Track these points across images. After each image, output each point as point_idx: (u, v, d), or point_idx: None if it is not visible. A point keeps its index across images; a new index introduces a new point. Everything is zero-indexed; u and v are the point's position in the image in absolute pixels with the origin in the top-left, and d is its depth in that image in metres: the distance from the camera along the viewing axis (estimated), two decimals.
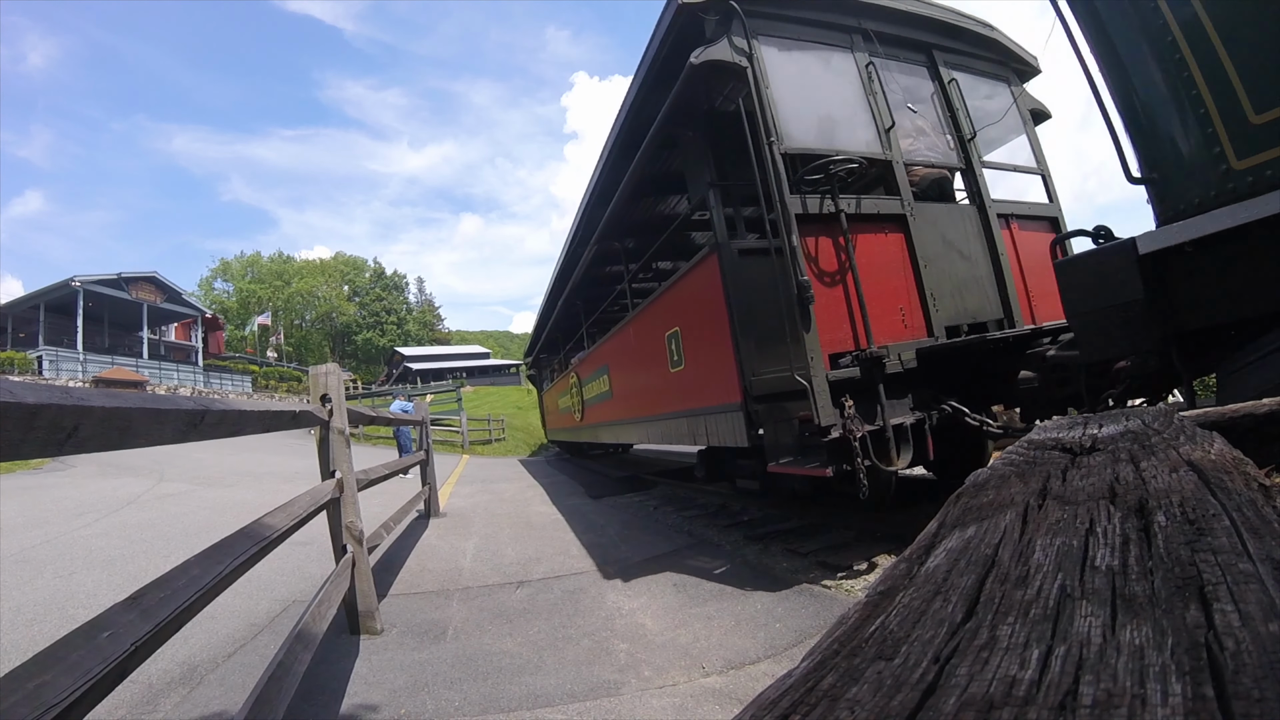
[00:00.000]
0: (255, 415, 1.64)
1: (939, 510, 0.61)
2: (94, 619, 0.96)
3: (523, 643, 2.63)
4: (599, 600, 3.15)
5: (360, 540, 2.72)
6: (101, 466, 8.54)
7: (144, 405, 1.02)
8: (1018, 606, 0.33)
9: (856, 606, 0.39)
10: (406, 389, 26.08)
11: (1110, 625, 0.30)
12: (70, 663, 0.84)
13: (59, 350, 23.68)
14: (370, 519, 3.18)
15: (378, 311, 65.47)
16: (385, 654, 2.57)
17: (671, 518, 5.34)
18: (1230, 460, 0.60)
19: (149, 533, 4.71)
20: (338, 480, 2.65)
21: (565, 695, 2.14)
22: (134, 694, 2.16)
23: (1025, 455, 0.76)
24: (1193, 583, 0.33)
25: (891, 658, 0.30)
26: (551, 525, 5.31)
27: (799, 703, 0.28)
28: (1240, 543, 0.37)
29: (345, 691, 2.23)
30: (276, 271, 60.32)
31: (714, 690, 2.12)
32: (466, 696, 2.17)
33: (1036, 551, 0.41)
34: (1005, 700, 0.24)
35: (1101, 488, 0.55)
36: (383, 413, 5.48)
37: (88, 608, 2.89)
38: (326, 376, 2.79)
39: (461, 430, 16.66)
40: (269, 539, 1.66)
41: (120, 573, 3.58)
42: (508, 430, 19.52)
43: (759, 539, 4.17)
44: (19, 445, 0.75)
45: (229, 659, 2.50)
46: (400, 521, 4.41)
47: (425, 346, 61.16)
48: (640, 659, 2.40)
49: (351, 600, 2.72)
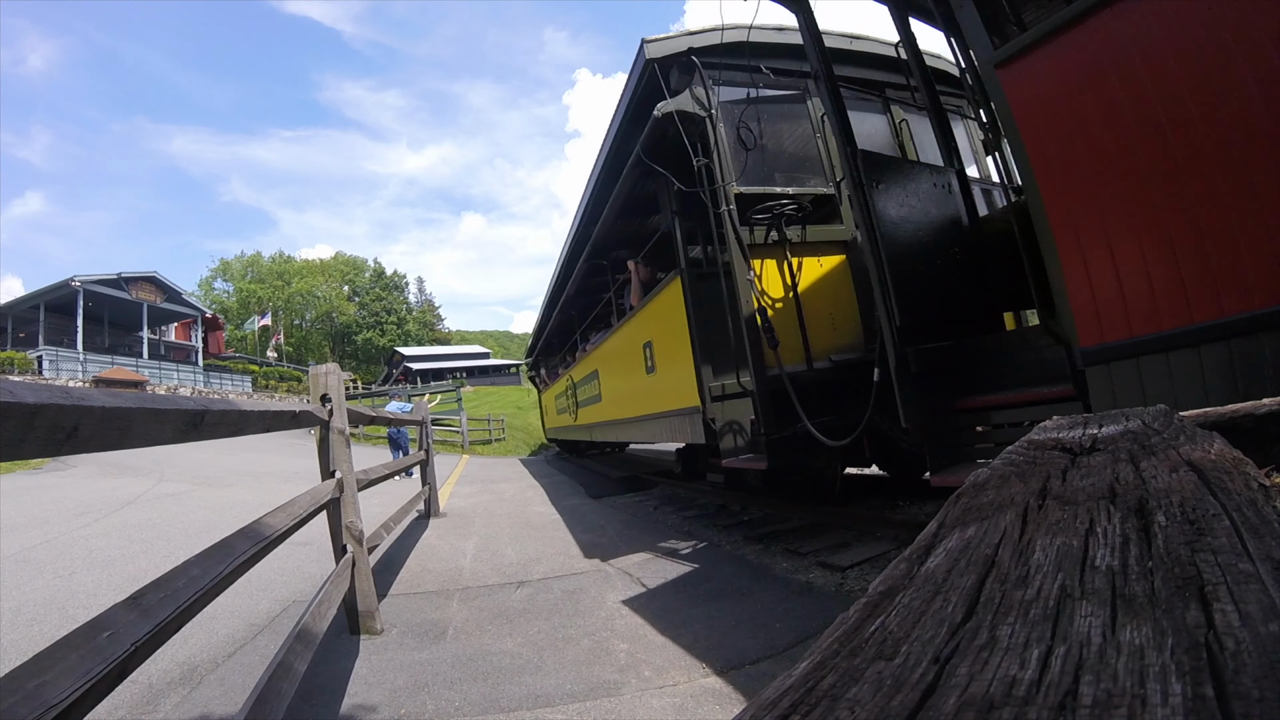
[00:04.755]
0: (255, 415, 1.64)
1: (939, 510, 0.61)
2: (94, 619, 0.96)
3: (523, 643, 2.63)
4: (599, 600, 3.15)
5: (360, 540, 2.72)
6: (101, 466, 8.54)
7: (144, 405, 1.02)
8: (1018, 606, 0.33)
9: (856, 606, 0.39)
10: (406, 389, 26.04)
11: (1110, 625, 0.30)
12: (70, 663, 0.84)
13: (59, 350, 23.68)
14: (370, 519, 3.18)
15: (378, 311, 65.49)
16: (385, 654, 2.57)
17: (671, 518, 5.34)
18: (1230, 460, 0.60)
19: (149, 533, 4.71)
20: (338, 480, 2.65)
21: (565, 695, 2.14)
22: (134, 694, 2.16)
23: (1025, 455, 0.76)
24: (1193, 583, 0.33)
25: (891, 658, 0.30)
26: (551, 525, 5.31)
27: (799, 703, 0.28)
28: (1240, 543, 0.37)
29: (345, 691, 2.23)
30: (277, 271, 60.37)
31: (714, 690, 2.12)
32: (467, 696, 2.17)
33: (1036, 551, 0.41)
34: (1005, 700, 0.24)
35: (1101, 488, 0.55)
36: (383, 413, 5.48)
37: (88, 608, 2.88)
38: (326, 376, 2.79)
39: (461, 430, 16.66)
40: (269, 539, 1.66)
41: (120, 573, 3.58)
42: (508, 430, 19.52)
43: (759, 539, 4.17)
44: (19, 445, 0.75)
45: (229, 659, 2.49)
46: (400, 522, 4.41)
47: (425, 346, 61.18)
48: (640, 659, 2.40)
49: (351, 600, 2.72)
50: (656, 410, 5.16)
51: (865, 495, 5.22)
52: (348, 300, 64.12)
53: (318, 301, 61.11)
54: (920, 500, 4.68)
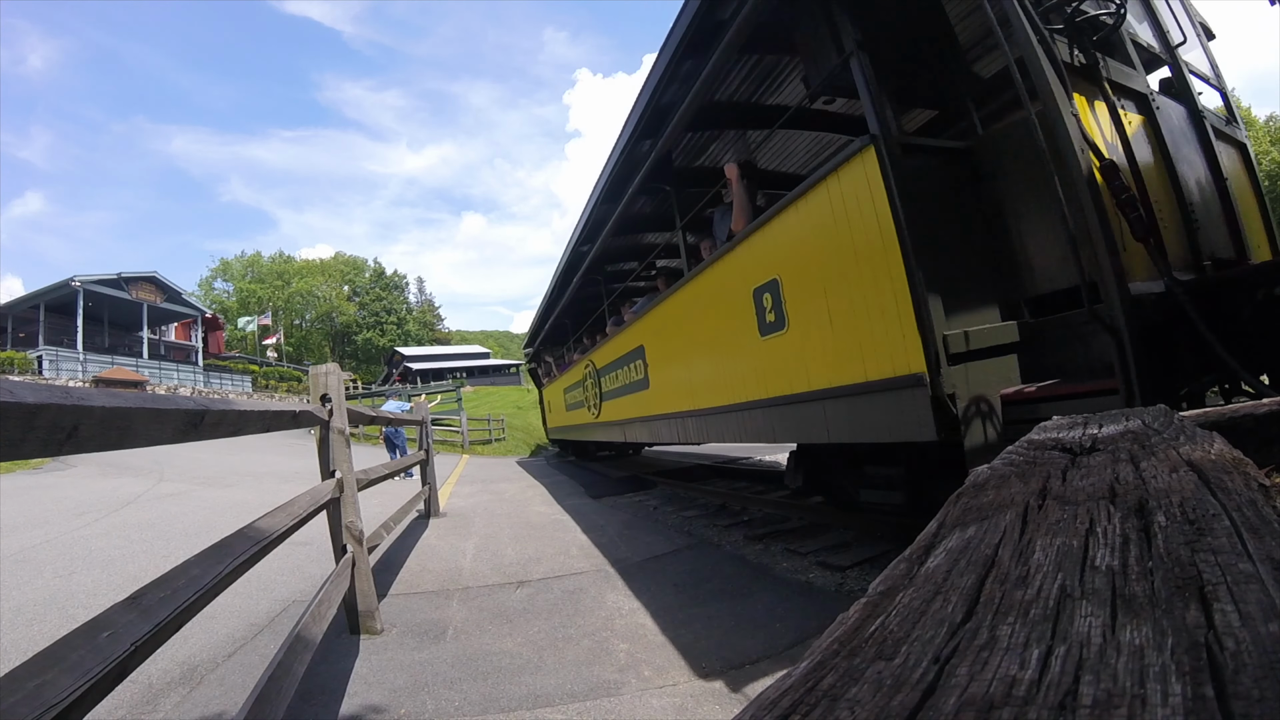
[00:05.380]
0: (255, 415, 1.64)
1: (939, 510, 0.61)
2: (94, 619, 0.96)
3: (523, 643, 2.63)
4: (599, 600, 3.15)
5: (360, 540, 2.72)
6: (101, 466, 8.54)
7: (144, 405, 1.02)
8: (1018, 606, 0.33)
9: (856, 606, 0.39)
10: (405, 389, 26.00)
11: (1110, 625, 0.30)
12: (70, 663, 0.84)
13: (59, 350, 23.67)
14: (370, 519, 3.18)
15: (378, 311, 65.47)
16: (385, 654, 2.57)
17: (672, 518, 5.34)
18: (1230, 460, 0.60)
19: (149, 533, 4.71)
20: (338, 480, 2.65)
21: (565, 695, 2.14)
22: (134, 694, 2.16)
23: (1025, 455, 0.76)
24: (1193, 583, 0.33)
25: (891, 658, 0.30)
26: (551, 525, 5.31)
27: (799, 703, 0.28)
28: (1240, 543, 0.37)
29: (345, 691, 2.23)
30: (277, 271, 60.38)
31: (714, 690, 2.12)
32: (466, 696, 2.17)
33: (1036, 551, 0.41)
34: (1005, 700, 0.24)
35: (1101, 488, 0.55)
36: (383, 413, 5.48)
37: (88, 607, 2.88)
38: (326, 376, 2.79)
39: (461, 430, 16.65)
40: (269, 539, 1.66)
41: (120, 573, 3.58)
42: (508, 430, 19.51)
43: (759, 539, 4.17)
44: (19, 445, 0.75)
45: (229, 659, 2.49)
46: (400, 521, 4.41)
47: (425, 346, 61.19)
48: (640, 659, 2.40)
49: (351, 600, 2.72)
50: (788, 392, 3.29)
51: None
52: (348, 300, 64.12)
53: (318, 301, 61.12)
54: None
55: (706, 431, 4.53)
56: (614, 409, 7.06)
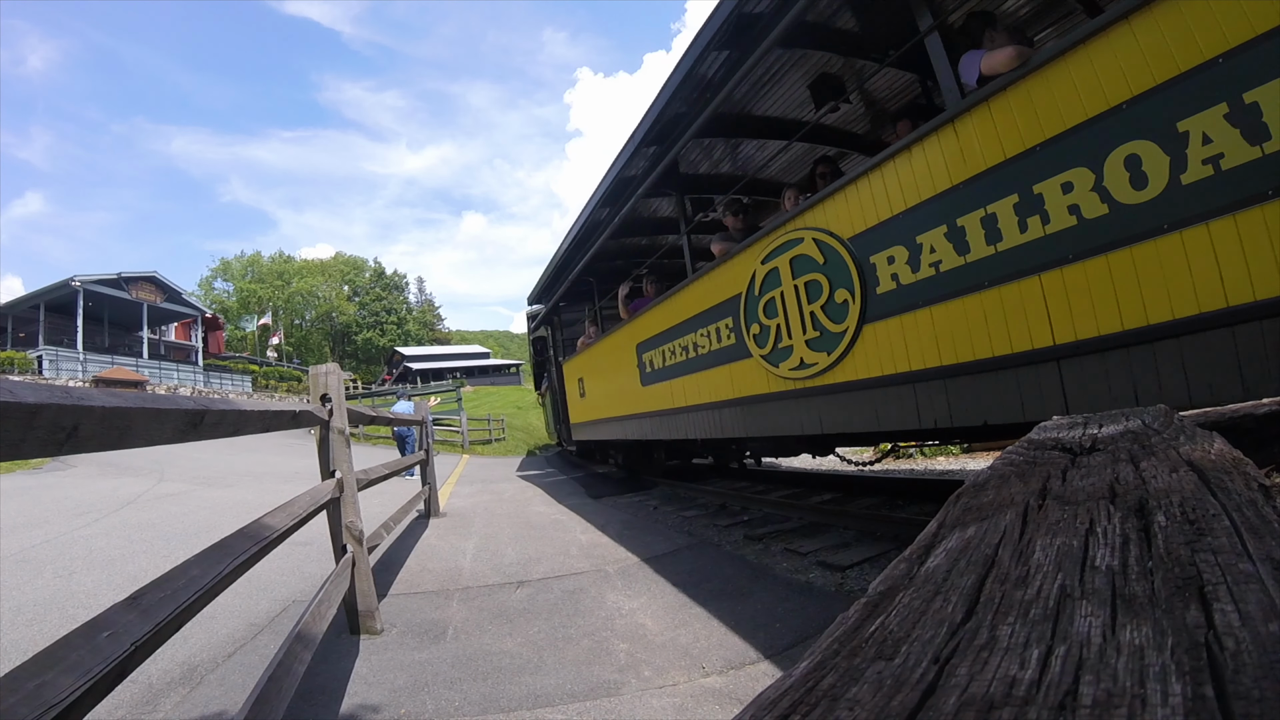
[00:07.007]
0: (255, 415, 1.64)
1: (939, 510, 0.61)
2: (94, 619, 0.96)
3: (523, 643, 2.63)
4: (599, 600, 3.15)
5: (360, 540, 2.72)
6: (101, 466, 8.54)
7: (144, 405, 1.02)
8: (1018, 606, 0.33)
9: (856, 606, 0.39)
10: (408, 389, 26.03)
11: (1110, 625, 0.30)
12: (70, 663, 0.84)
13: (59, 350, 23.66)
14: (370, 519, 3.17)
15: (378, 311, 65.53)
16: (385, 654, 2.57)
17: (671, 518, 5.34)
18: (1230, 460, 0.60)
19: (149, 533, 4.70)
20: (338, 480, 2.65)
21: (565, 695, 2.14)
22: (134, 694, 2.16)
23: (1025, 455, 0.76)
24: (1193, 583, 0.33)
25: (891, 658, 0.30)
26: (551, 525, 5.31)
27: (799, 703, 0.28)
28: (1240, 543, 0.37)
29: (345, 691, 2.23)
30: (277, 271, 60.40)
31: (714, 690, 2.12)
32: (466, 696, 2.17)
33: (1036, 551, 0.41)
34: (1005, 700, 0.24)
35: (1101, 488, 0.55)
36: (383, 412, 5.48)
37: (88, 607, 2.88)
38: (326, 376, 2.79)
39: (461, 430, 16.65)
40: (269, 539, 1.66)
41: (120, 573, 3.58)
42: (508, 430, 19.52)
43: (759, 539, 4.17)
44: (19, 445, 0.75)
45: (229, 659, 2.49)
46: (400, 521, 4.40)
47: (425, 346, 61.23)
48: (640, 659, 2.40)
49: (351, 600, 2.72)
50: None
51: (864, 495, 5.23)
52: (348, 300, 64.14)
53: (318, 301, 61.16)
54: (920, 500, 4.68)
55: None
56: (754, 376, 4.06)
